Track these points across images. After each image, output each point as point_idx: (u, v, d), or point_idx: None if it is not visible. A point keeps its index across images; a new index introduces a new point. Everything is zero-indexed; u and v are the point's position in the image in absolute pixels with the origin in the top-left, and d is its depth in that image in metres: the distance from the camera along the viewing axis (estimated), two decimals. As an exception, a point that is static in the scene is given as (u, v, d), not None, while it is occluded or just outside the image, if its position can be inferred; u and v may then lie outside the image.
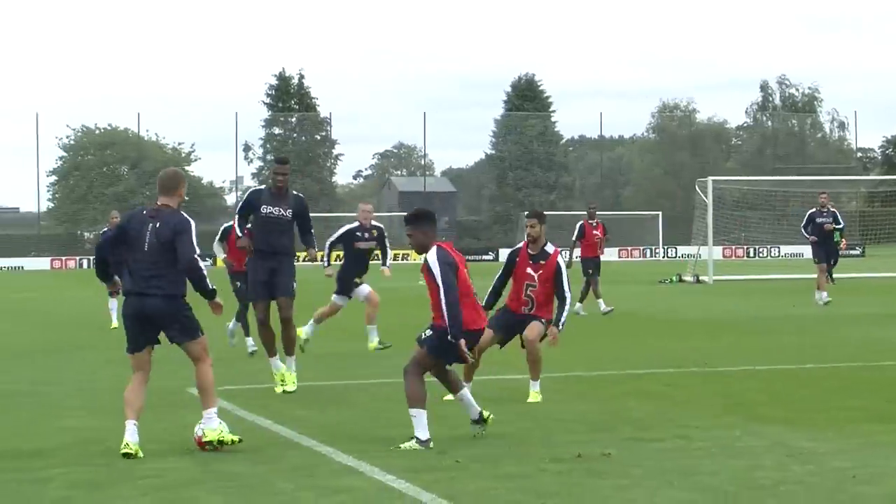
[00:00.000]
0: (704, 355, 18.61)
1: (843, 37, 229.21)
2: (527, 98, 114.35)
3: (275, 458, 10.71)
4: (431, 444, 11.07)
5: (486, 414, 11.80)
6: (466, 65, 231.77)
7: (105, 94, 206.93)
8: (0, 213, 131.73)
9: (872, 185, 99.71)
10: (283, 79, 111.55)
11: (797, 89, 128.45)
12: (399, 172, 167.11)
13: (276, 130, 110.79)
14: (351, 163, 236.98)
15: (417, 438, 11.13)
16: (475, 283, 11.81)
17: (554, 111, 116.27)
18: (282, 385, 15.33)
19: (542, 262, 14.28)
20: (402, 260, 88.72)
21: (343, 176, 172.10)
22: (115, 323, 24.83)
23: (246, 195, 16.37)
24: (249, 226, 15.83)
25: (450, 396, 12.29)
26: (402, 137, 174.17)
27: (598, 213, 30.79)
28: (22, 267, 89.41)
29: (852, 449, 10.79)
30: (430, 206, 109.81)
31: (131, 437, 11.00)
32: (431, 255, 11.52)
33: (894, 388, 14.87)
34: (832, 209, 31.89)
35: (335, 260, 20.79)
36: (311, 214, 16.34)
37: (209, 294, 11.43)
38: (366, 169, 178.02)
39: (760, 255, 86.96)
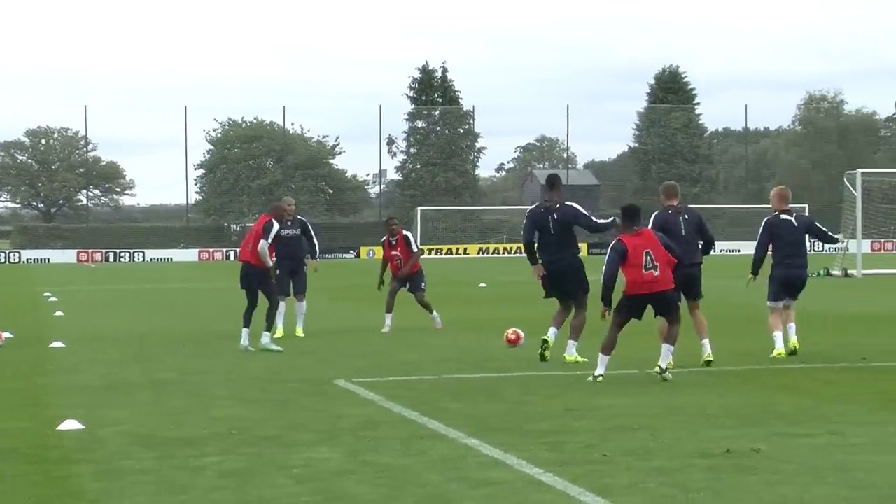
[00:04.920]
0: (857, 351, 18.29)
1: None
2: (671, 90, 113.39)
3: (422, 449, 10.74)
4: (598, 380, 15.02)
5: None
6: (610, 56, 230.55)
7: (251, 87, 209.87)
8: (151, 208, 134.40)
9: None
10: (426, 72, 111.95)
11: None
12: (541, 165, 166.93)
13: (420, 123, 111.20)
14: (493, 156, 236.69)
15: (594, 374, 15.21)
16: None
17: (698, 103, 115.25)
18: None
19: None
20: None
21: (485, 169, 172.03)
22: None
23: None
24: None
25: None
26: (544, 130, 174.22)
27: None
28: (171, 258, 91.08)
29: None
30: (573, 198, 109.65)
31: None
32: None
33: None
34: None
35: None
36: (452, 208, 17.81)
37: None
38: (508, 162, 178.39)
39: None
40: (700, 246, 17.33)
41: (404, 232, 23.66)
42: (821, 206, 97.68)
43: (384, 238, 23.64)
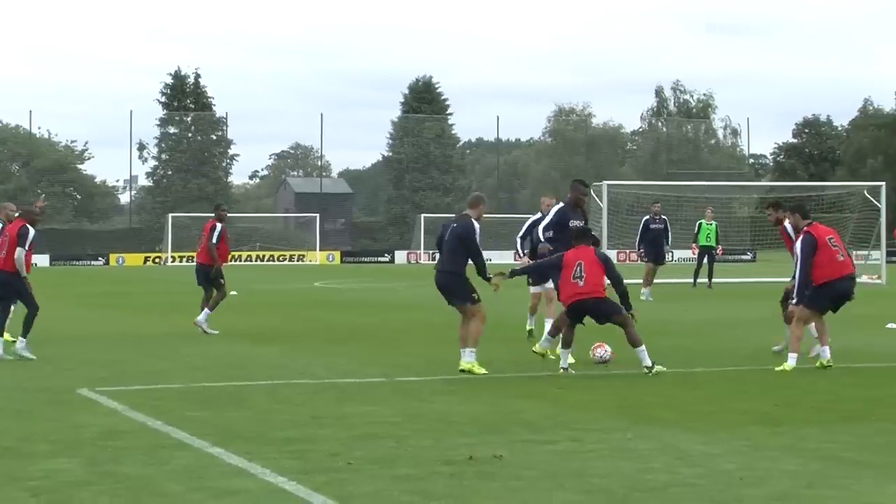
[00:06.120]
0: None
1: (737, 43, 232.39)
2: (424, 100, 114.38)
3: (165, 459, 10.60)
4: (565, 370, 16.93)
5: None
6: (364, 65, 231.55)
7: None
8: None
9: (764, 192, 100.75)
10: (178, 77, 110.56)
11: (691, 95, 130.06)
12: (295, 173, 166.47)
13: (172, 129, 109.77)
14: (247, 163, 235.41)
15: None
16: (368, 282, 11.81)
17: (451, 114, 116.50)
18: None
19: None
20: (299, 261, 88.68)
21: (239, 176, 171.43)
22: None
23: None
24: None
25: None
26: (298, 138, 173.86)
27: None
28: None
29: (740, 451, 10.92)
30: (326, 207, 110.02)
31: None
32: None
33: (782, 392, 15.07)
34: (664, 217, 36.92)
35: None
36: (204, 215, 17.68)
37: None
38: (262, 169, 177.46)
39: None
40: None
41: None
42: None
43: (223, 226, 25.43)
